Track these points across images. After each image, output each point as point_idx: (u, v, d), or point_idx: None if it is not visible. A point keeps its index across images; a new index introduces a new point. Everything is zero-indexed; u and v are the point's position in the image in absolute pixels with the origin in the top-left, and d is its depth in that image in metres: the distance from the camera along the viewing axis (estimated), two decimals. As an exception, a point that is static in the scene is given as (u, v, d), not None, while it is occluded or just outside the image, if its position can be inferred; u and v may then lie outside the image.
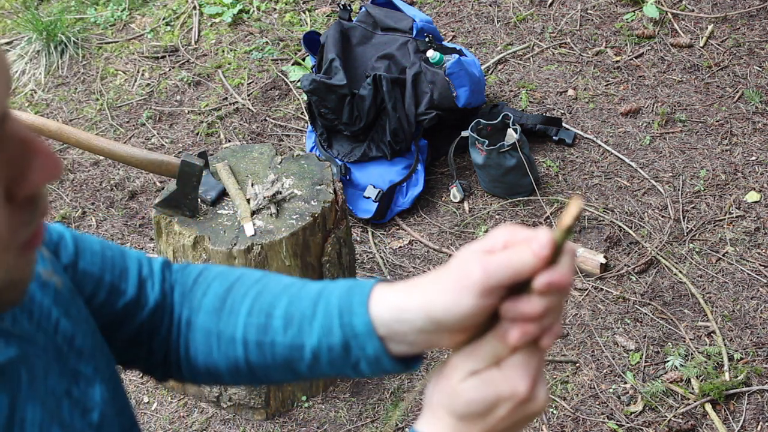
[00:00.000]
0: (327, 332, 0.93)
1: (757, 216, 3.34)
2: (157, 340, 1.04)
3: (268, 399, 2.86)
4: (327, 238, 2.73)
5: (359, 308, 0.91)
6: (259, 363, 1.00)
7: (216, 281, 1.04)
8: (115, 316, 1.01)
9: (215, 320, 1.01)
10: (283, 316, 0.96)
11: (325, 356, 0.94)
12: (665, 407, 2.82)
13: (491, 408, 0.84)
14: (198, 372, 1.05)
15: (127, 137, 3.83)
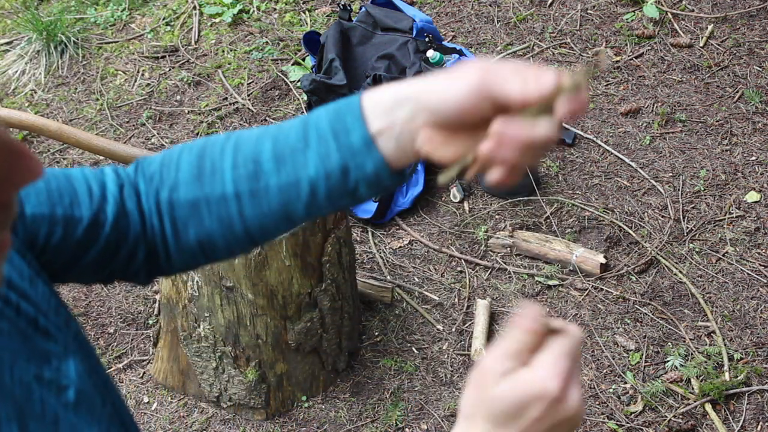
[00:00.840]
0: (324, 158, 0.92)
1: (757, 216, 3.34)
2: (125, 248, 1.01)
3: (268, 399, 2.86)
4: (327, 238, 2.73)
5: (354, 123, 0.90)
6: (255, 214, 0.97)
7: (183, 154, 1.00)
8: (79, 244, 0.99)
9: (199, 187, 0.98)
10: (272, 158, 0.94)
11: (322, 187, 0.93)
12: (665, 407, 2.82)
13: (523, 408, 0.84)
14: (190, 250, 1.02)
15: (127, 137, 3.83)
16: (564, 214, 3.39)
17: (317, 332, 2.82)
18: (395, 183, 0.94)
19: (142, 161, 1.03)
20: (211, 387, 2.87)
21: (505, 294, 3.16)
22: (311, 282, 2.74)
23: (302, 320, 2.77)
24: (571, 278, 3.17)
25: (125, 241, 1.01)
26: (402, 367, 2.97)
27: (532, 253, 3.25)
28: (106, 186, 1.01)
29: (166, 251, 1.02)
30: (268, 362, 2.80)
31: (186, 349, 2.82)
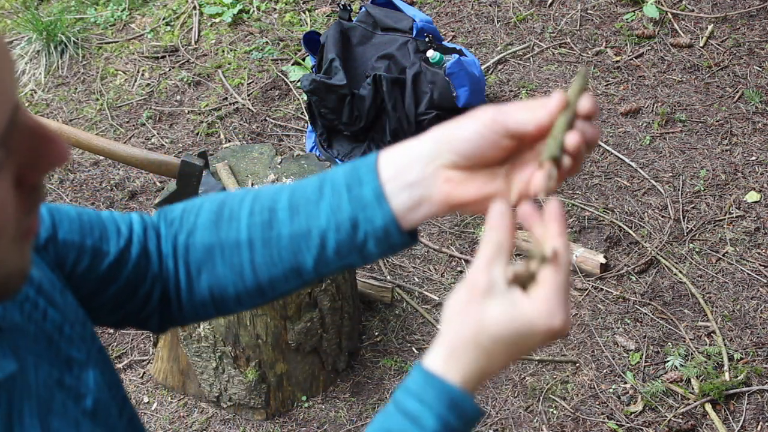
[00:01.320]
0: (335, 210, 0.94)
1: (757, 216, 3.34)
2: (143, 288, 1.04)
3: (268, 399, 2.86)
4: (327, 238, 2.73)
5: (367, 176, 0.93)
6: (265, 264, 0.99)
7: (206, 203, 1.03)
8: (102, 278, 1.01)
9: (215, 232, 1.00)
10: (287, 207, 0.97)
11: (332, 239, 0.95)
12: (665, 407, 2.82)
13: (523, 340, 0.85)
14: (202, 299, 1.04)
15: (127, 137, 3.83)
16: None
17: (317, 332, 2.82)
18: (404, 243, 0.95)
19: (166, 209, 1.06)
20: (211, 387, 2.87)
21: (505, 294, 3.16)
22: (311, 282, 2.74)
23: (302, 320, 2.77)
24: (571, 278, 3.17)
25: (143, 281, 1.03)
26: (402, 367, 2.97)
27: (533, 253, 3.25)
28: (133, 227, 1.04)
29: (178, 298, 1.05)
30: (268, 362, 2.80)
31: (186, 349, 2.83)
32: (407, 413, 0.86)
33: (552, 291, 0.84)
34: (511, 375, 2.94)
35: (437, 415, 0.86)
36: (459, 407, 0.86)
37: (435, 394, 0.86)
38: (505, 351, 0.86)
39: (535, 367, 2.96)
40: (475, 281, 0.85)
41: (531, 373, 2.94)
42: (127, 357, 3.09)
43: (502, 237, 0.87)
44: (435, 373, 0.86)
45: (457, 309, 0.86)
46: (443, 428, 0.86)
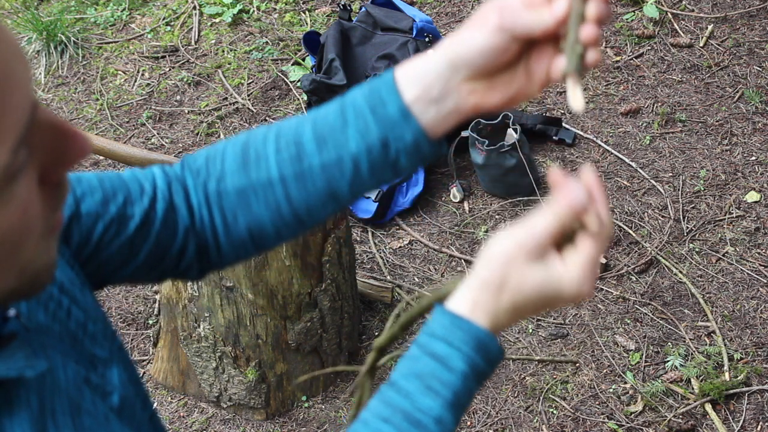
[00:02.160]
0: (363, 133, 0.95)
1: (757, 216, 3.34)
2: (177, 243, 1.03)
3: (268, 399, 2.86)
4: (327, 238, 2.73)
5: (389, 96, 0.94)
6: (301, 196, 0.99)
7: (228, 147, 1.02)
8: (132, 242, 1.00)
9: (245, 175, 1.00)
10: (313, 139, 0.97)
11: (364, 161, 0.95)
12: (665, 407, 2.82)
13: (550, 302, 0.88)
14: (241, 240, 1.03)
15: (127, 137, 3.83)
16: None
17: (317, 332, 2.82)
18: (434, 152, 0.96)
19: (188, 158, 1.06)
20: (211, 387, 2.87)
21: (505, 294, 3.16)
22: (311, 282, 2.74)
23: (302, 320, 2.77)
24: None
25: (175, 237, 1.03)
26: (402, 367, 2.97)
27: (532, 253, 3.25)
28: (156, 184, 1.03)
29: (216, 243, 1.04)
30: (268, 362, 2.80)
31: (186, 349, 2.83)
32: (434, 355, 0.88)
33: (587, 261, 0.87)
34: (511, 375, 2.94)
35: (465, 356, 0.88)
36: (485, 348, 0.89)
37: (462, 337, 0.88)
38: (533, 307, 0.89)
39: (535, 367, 2.96)
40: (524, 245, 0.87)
41: (531, 373, 2.94)
42: (127, 357, 3.09)
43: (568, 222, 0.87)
44: (462, 315, 0.89)
45: (500, 260, 0.88)
46: (471, 369, 0.89)
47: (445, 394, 0.88)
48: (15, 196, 0.67)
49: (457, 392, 0.88)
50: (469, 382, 0.89)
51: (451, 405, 0.88)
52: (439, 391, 0.88)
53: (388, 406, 0.89)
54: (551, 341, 3.02)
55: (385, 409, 0.89)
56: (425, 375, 0.88)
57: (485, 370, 0.90)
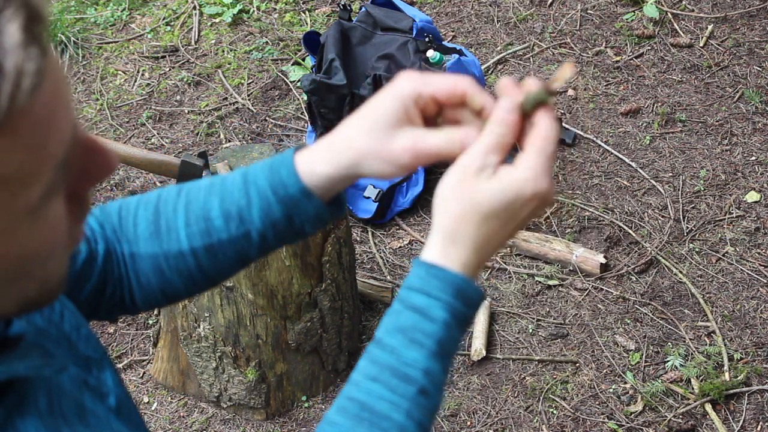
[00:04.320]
0: (267, 212, 0.99)
1: (757, 216, 3.34)
2: (110, 286, 1.07)
3: (268, 399, 2.86)
4: (327, 238, 2.73)
5: (290, 179, 0.97)
6: (211, 265, 1.03)
7: (140, 209, 1.06)
8: (79, 276, 1.03)
9: (157, 243, 1.04)
10: (221, 215, 1.01)
11: (270, 234, 1.00)
12: (665, 407, 2.82)
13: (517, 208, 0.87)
14: (154, 297, 1.08)
15: (127, 137, 3.83)
16: (564, 214, 3.39)
17: (317, 332, 2.82)
18: (336, 215, 1.01)
19: (104, 208, 1.09)
20: (211, 387, 2.87)
21: (505, 294, 3.16)
22: (311, 282, 2.74)
23: (302, 320, 2.77)
24: (571, 278, 3.17)
25: (111, 278, 1.07)
26: (402, 367, 2.97)
27: (532, 252, 3.25)
28: (92, 225, 1.07)
29: (131, 297, 1.09)
30: (268, 362, 2.80)
31: (186, 349, 2.82)
32: (414, 307, 0.88)
33: (535, 156, 0.86)
34: (511, 375, 2.94)
35: (445, 304, 0.88)
36: (463, 293, 0.88)
37: (438, 285, 0.88)
38: (499, 225, 0.87)
39: (535, 367, 2.96)
40: (469, 164, 0.87)
41: (531, 373, 2.94)
42: (127, 357, 3.09)
43: (505, 132, 0.87)
44: (435, 263, 0.88)
45: (448, 192, 0.88)
46: (452, 316, 0.88)
47: (429, 344, 0.87)
48: (49, 213, 0.69)
49: (441, 341, 0.88)
50: (452, 329, 0.89)
51: (437, 355, 0.88)
52: (423, 342, 0.88)
53: (375, 364, 0.90)
54: (551, 341, 3.02)
55: (373, 367, 0.90)
56: (407, 328, 0.88)
57: (467, 314, 0.90)
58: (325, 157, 0.95)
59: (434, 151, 0.89)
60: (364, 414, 0.89)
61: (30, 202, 0.66)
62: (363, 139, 0.93)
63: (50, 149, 0.66)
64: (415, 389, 0.87)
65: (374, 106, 0.93)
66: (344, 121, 0.95)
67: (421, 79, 0.91)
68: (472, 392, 2.90)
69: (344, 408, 0.89)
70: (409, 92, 0.91)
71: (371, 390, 0.89)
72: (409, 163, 0.91)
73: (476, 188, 0.86)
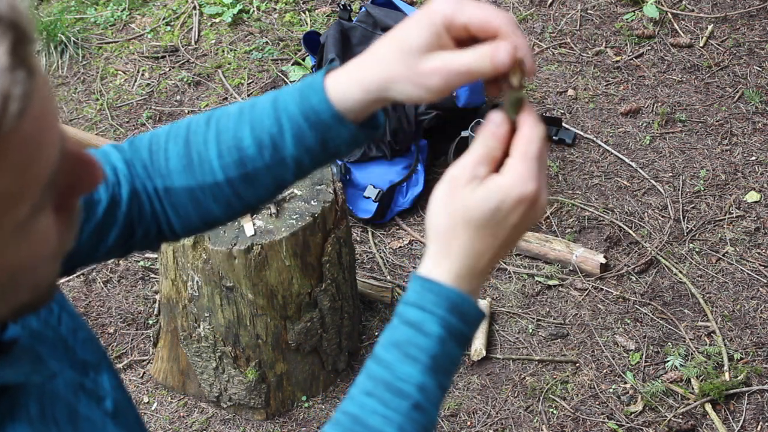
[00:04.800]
0: (300, 138, 0.97)
1: (757, 216, 3.34)
2: (141, 226, 1.06)
3: (268, 399, 2.86)
4: (327, 238, 2.73)
5: (321, 105, 0.95)
6: (249, 193, 1.03)
7: (170, 143, 1.04)
8: (100, 226, 1.02)
9: (191, 176, 1.03)
10: (253, 144, 0.99)
11: (306, 158, 0.99)
12: (665, 407, 2.82)
13: (504, 214, 0.85)
14: (194, 225, 1.07)
15: (127, 137, 3.83)
16: (564, 214, 3.39)
17: (317, 332, 2.82)
18: (373, 135, 0.99)
19: (134, 143, 1.07)
20: (211, 387, 2.87)
21: (504, 294, 3.16)
22: (311, 282, 2.74)
23: (302, 320, 2.77)
24: (571, 278, 3.17)
25: (141, 218, 1.05)
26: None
27: (532, 252, 3.25)
28: (116, 166, 1.04)
29: (170, 228, 1.07)
30: (268, 362, 2.80)
31: (186, 349, 2.82)
32: (409, 322, 0.87)
33: (519, 160, 0.85)
34: (511, 375, 2.94)
35: (439, 318, 0.87)
36: (459, 308, 0.87)
37: (433, 299, 0.87)
38: (490, 234, 0.86)
39: (535, 367, 2.96)
40: (458, 176, 0.87)
41: (531, 373, 2.94)
42: (127, 357, 3.09)
43: (494, 146, 0.87)
44: (429, 277, 0.88)
45: (439, 205, 0.87)
46: (446, 331, 0.87)
47: (423, 359, 0.87)
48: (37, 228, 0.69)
49: (435, 356, 0.87)
50: (447, 345, 0.88)
51: (431, 370, 0.87)
52: (417, 357, 0.87)
53: (370, 379, 0.88)
54: (551, 341, 3.02)
55: (368, 382, 0.88)
56: (402, 343, 0.87)
57: (463, 331, 0.88)
58: (355, 79, 0.93)
59: (464, 68, 0.87)
60: (356, 428, 0.87)
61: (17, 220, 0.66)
62: (393, 61, 0.90)
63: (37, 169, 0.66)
64: (408, 404, 0.86)
65: (406, 28, 0.90)
66: (375, 42, 0.93)
67: (457, 4, 0.88)
68: (472, 392, 2.90)
69: (338, 422, 0.88)
70: (441, 19, 0.88)
71: (365, 404, 0.88)
72: (438, 85, 0.88)
73: (464, 199, 0.86)
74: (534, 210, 0.86)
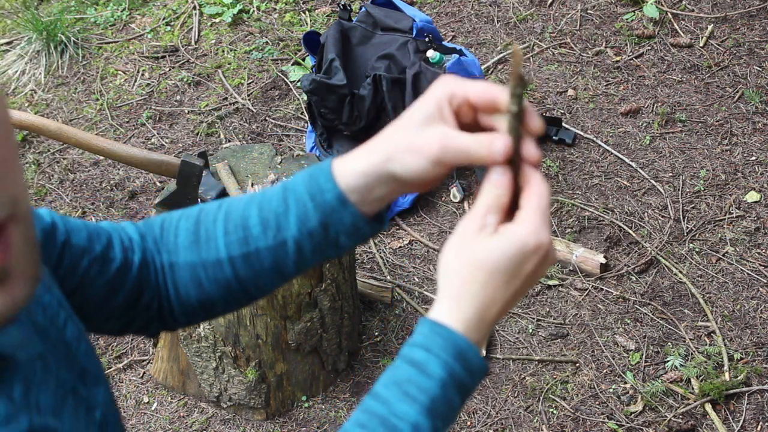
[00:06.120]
0: (304, 219, 0.99)
1: (757, 216, 3.34)
2: (147, 295, 1.08)
3: (268, 399, 2.86)
4: (327, 238, 2.73)
5: (327, 185, 0.97)
6: (249, 275, 1.04)
7: (182, 221, 1.07)
8: (111, 284, 1.05)
9: (196, 252, 1.05)
10: (259, 223, 1.02)
11: (307, 243, 1.01)
12: (665, 407, 2.82)
13: (521, 263, 0.87)
14: (192, 309, 1.08)
15: (127, 137, 3.83)
16: (564, 214, 3.39)
17: (317, 332, 2.82)
18: (375, 230, 1.00)
19: (148, 221, 1.11)
20: (211, 387, 2.87)
21: (505, 294, 3.16)
22: (311, 282, 2.74)
23: (302, 320, 2.77)
24: (571, 278, 3.17)
25: (147, 287, 1.08)
26: (402, 367, 2.97)
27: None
28: (131, 236, 1.08)
29: (170, 309, 1.10)
30: (268, 362, 2.80)
31: (186, 349, 2.82)
32: (413, 362, 0.88)
33: (533, 211, 0.87)
34: (511, 375, 2.94)
35: (443, 362, 0.87)
36: (464, 356, 0.88)
37: (441, 343, 0.87)
38: (504, 282, 0.87)
39: (535, 367, 2.96)
40: (469, 226, 0.88)
41: (531, 373, 2.94)
42: (127, 357, 3.09)
43: (500, 194, 0.89)
44: (439, 321, 0.88)
45: (452, 255, 0.89)
46: (449, 376, 0.87)
47: (422, 399, 0.86)
48: None
49: (434, 398, 0.87)
50: (448, 390, 0.88)
51: (429, 411, 0.86)
52: (416, 396, 0.87)
53: (366, 413, 0.88)
54: (551, 341, 3.02)
55: (363, 415, 0.88)
56: (403, 381, 0.87)
57: (465, 380, 0.89)
58: (361, 156, 0.96)
59: (463, 148, 0.89)
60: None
61: None
62: (395, 135, 0.94)
63: None
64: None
65: (411, 108, 0.94)
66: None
67: (457, 81, 0.92)
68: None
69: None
70: (442, 92, 0.92)
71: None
72: (437, 154, 0.90)
73: (478, 247, 0.87)
74: (546, 260, 0.88)
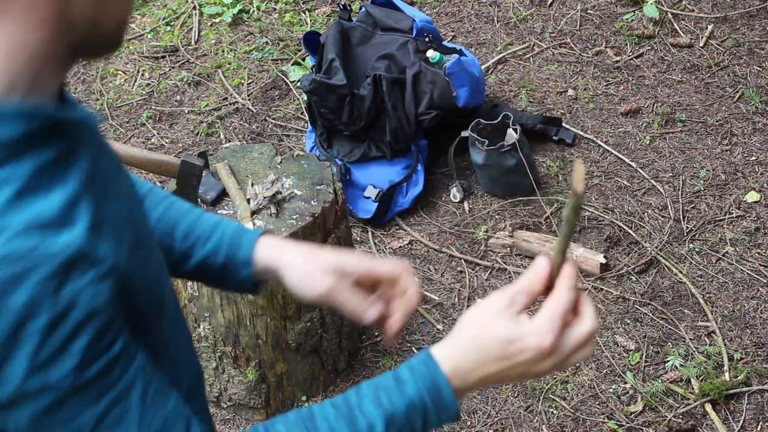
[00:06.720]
0: (214, 253, 1.25)
1: (757, 216, 3.34)
2: None
3: (268, 399, 2.86)
4: (327, 238, 2.73)
5: (247, 245, 1.24)
6: None
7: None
8: None
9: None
10: (184, 231, 1.26)
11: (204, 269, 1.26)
12: (665, 407, 2.82)
13: (513, 351, 1.00)
14: None
15: (127, 137, 3.83)
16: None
17: (317, 332, 2.82)
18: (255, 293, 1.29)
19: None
20: (211, 387, 2.87)
21: (505, 294, 3.16)
22: (311, 282, 2.74)
23: (302, 320, 2.77)
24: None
25: None
26: (402, 367, 2.97)
27: (532, 253, 3.25)
28: None
29: None
30: (268, 362, 2.80)
31: (186, 349, 2.82)
32: (397, 377, 1.02)
33: (547, 317, 0.99)
34: (511, 375, 2.94)
35: (418, 389, 1.01)
36: (438, 393, 1.01)
37: (424, 372, 1.01)
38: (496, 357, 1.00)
39: (535, 367, 2.96)
40: (497, 302, 1.01)
41: (531, 373, 2.94)
42: (127, 357, 3.08)
43: (536, 283, 1.02)
44: (434, 357, 1.02)
45: (476, 313, 1.02)
46: (418, 402, 1.00)
47: (387, 407, 1.00)
48: None
49: (397, 412, 1.00)
50: (413, 411, 1.00)
51: (388, 419, 0.99)
52: (383, 403, 1.00)
53: (342, 398, 1.03)
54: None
55: (339, 399, 1.03)
56: (381, 388, 1.02)
57: (430, 411, 1.01)
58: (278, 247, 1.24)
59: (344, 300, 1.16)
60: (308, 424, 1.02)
61: None
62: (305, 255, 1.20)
63: None
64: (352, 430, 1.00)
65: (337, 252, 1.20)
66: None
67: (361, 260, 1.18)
68: (472, 392, 2.91)
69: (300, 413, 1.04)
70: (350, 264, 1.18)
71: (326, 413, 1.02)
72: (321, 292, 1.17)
73: (494, 317, 1.00)
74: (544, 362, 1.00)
